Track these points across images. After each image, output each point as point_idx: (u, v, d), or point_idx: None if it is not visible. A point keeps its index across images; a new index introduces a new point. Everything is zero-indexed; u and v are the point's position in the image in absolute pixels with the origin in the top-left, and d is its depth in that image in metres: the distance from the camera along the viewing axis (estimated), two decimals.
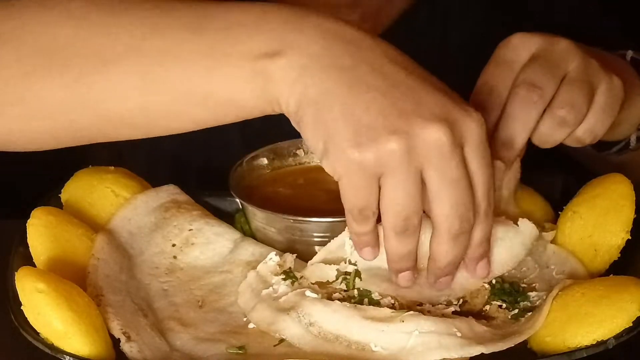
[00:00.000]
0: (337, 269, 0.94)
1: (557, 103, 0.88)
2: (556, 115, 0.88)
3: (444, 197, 0.78)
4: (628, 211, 0.96)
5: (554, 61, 0.89)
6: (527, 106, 0.88)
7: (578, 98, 0.89)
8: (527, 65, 0.90)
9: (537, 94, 0.87)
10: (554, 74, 0.89)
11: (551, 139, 0.90)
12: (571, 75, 0.90)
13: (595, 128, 0.91)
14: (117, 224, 1.04)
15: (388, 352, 0.85)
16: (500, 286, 0.93)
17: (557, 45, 0.91)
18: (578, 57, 0.90)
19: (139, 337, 0.89)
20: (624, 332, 0.84)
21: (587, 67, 0.90)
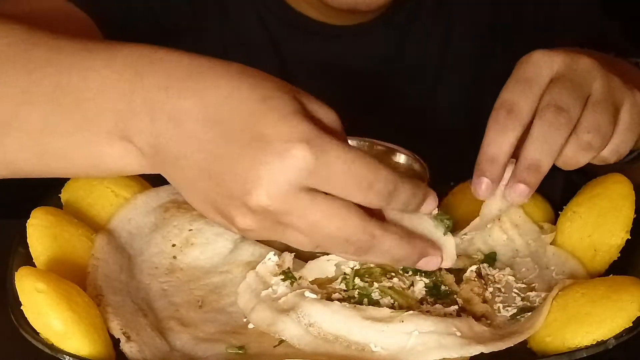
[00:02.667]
0: (335, 265, 0.94)
1: (582, 127, 0.87)
2: (582, 140, 0.87)
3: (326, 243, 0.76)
4: (628, 211, 0.96)
5: (578, 81, 0.88)
6: (555, 130, 0.85)
7: (603, 121, 0.87)
8: (552, 86, 0.87)
9: (565, 118, 0.85)
10: (579, 96, 0.87)
11: (575, 162, 0.88)
12: (595, 96, 0.88)
13: (620, 148, 0.90)
14: (117, 224, 1.04)
15: (388, 352, 0.85)
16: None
17: (579, 64, 0.89)
18: (600, 75, 0.88)
19: (139, 337, 0.89)
20: (624, 332, 0.84)
21: (610, 86, 0.89)
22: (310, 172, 0.72)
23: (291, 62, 1.37)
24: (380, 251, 0.78)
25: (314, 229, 0.75)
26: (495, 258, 0.99)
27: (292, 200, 0.73)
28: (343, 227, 0.75)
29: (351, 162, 0.73)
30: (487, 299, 0.94)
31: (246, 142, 0.72)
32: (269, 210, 0.73)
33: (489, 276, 0.97)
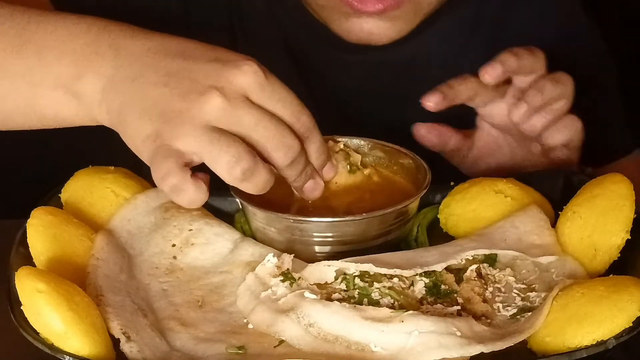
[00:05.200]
0: (335, 270, 0.94)
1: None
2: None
3: (262, 140, 0.89)
4: (628, 211, 0.96)
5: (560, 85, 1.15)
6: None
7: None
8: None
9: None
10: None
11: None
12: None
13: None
14: (117, 224, 1.04)
15: (388, 352, 0.85)
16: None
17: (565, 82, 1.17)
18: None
19: (138, 337, 0.89)
20: (624, 332, 0.84)
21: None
22: (260, 85, 0.88)
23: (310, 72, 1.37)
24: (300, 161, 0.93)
25: (256, 128, 0.88)
26: (495, 259, 0.99)
27: (241, 101, 0.87)
28: (280, 130, 0.90)
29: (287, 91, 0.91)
30: (487, 298, 0.94)
31: (206, 61, 0.89)
32: (222, 107, 0.86)
33: (489, 276, 0.97)
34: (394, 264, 0.93)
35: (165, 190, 0.88)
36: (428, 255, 0.96)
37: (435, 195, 1.11)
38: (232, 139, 0.87)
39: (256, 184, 0.89)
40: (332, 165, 1.01)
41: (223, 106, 0.87)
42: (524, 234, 1.00)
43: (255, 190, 0.90)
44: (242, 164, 0.87)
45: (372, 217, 1.00)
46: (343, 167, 1.03)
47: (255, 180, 0.89)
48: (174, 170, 0.86)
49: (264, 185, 0.90)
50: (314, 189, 0.99)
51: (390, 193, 1.07)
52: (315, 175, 0.98)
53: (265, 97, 0.89)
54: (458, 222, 1.07)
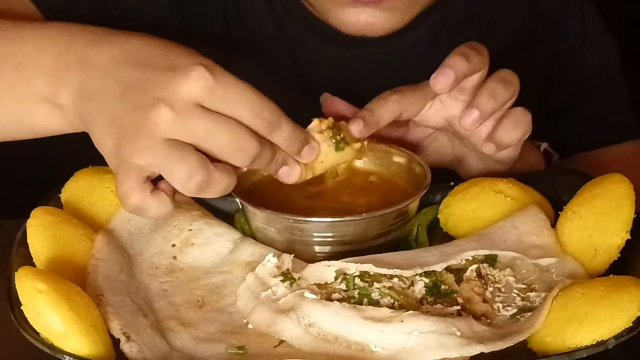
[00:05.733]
0: (335, 270, 0.94)
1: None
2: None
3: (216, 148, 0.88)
4: (628, 211, 0.96)
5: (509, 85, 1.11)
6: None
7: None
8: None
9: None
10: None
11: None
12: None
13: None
14: (117, 224, 1.04)
15: (388, 352, 0.85)
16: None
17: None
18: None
19: (138, 337, 0.89)
20: (624, 332, 0.84)
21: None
22: (210, 90, 0.87)
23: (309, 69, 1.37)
24: (263, 157, 0.91)
25: (211, 137, 0.87)
26: (495, 259, 0.99)
27: (191, 110, 0.87)
28: (238, 137, 0.89)
29: (244, 89, 0.89)
30: (487, 298, 0.94)
31: (159, 68, 0.89)
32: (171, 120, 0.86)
33: (489, 276, 0.97)
34: (394, 264, 0.93)
35: (128, 210, 0.90)
36: (428, 255, 0.96)
37: (435, 195, 1.11)
38: (185, 152, 0.87)
39: (215, 192, 0.90)
40: (311, 148, 0.98)
41: (172, 118, 0.86)
42: (524, 234, 1.00)
43: (215, 196, 0.90)
44: (195, 178, 0.87)
45: (372, 217, 1.00)
46: (329, 146, 1.00)
47: (212, 190, 0.89)
48: (133, 190, 0.88)
49: (223, 191, 0.90)
50: (289, 175, 0.97)
51: (390, 193, 1.07)
52: (289, 161, 0.97)
53: (217, 100, 0.88)
54: (458, 222, 1.07)
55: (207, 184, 0.88)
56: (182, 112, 0.86)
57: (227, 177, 0.90)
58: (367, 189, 1.09)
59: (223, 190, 0.90)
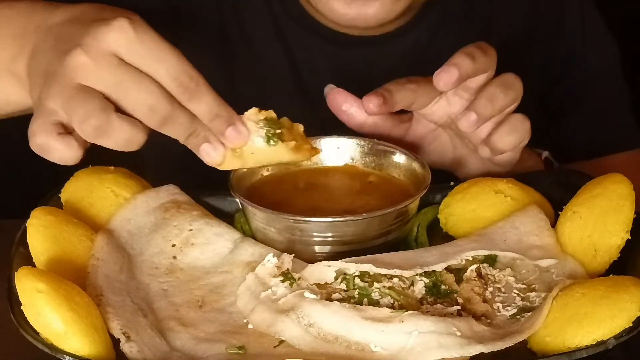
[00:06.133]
0: (335, 270, 0.94)
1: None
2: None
3: (123, 100, 0.89)
4: (628, 211, 0.96)
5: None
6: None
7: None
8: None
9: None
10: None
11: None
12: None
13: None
14: (117, 224, 1.04)
15: (388, 352, 0.85)
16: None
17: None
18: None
19: (139, 337, 0.89)
20: (624, 332, 0.84)
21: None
22: (129, 42, 0.88)
23: (304, 69, 1.37)
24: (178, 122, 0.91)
25: (121, 88, 0.88)
26: (495, 259, 0.99)
27: (106, 59, 0.88)
28: (147, 92, 0.88)
29: (165, 49, 0.89)
30: (487, 298, 0.94)
31: (89, 21, 0.90)
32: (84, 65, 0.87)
33: (489, 276, 0.97)
34: (394, 264, 0.93)
35: (34, 150, 0.90)
36: (428, 256, 0.96)
37: (435, 195, 1.11)
38: (88, 95, 0.88)
39: (115, 142, 0.89)
40: (237, 130, 0.95)
41: (85, 64, 0.88)
42: (524, 235, 1.00)
43: (116, 146, 0.89)
44: (91, 120, 0.87)
45: (372, 217, 1.00)
46: (260, 137, 0.96)
47: (111, 138, 0.88)
48: (39, 129, 0.89)
49: (124, 142, 0.89)
50: (209, 154, 0.95)
51: (390, 193, 1.07)
52: (212, 140, 0.94)
53: (135, 54, 0.89)
54: (458, 222, 1.07)
55: (104, 130, 0.88)
56: (97, 59, 0.88)
57: (129, 129, 0.89)
58: (367, 189, 1.09)
59: (124, 142, 0.89)
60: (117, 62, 0.88)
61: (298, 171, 1.11)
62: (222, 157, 0.95)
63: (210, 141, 0.94)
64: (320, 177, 1.10)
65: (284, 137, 0.97)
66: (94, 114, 0.87)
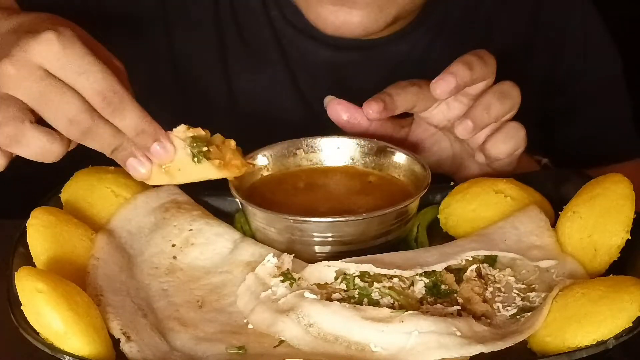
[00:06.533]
0: (335, 270, 0.94)
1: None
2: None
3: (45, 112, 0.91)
4: (628, 211, 0.96)
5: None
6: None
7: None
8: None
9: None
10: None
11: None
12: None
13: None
14: (117, 224, 1.04)
15: (388, 352, 0.85)
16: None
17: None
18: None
19: (139, 337, 0.89)
20: (624, 332, 0.84)
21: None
22: (54, 55, 0.90)
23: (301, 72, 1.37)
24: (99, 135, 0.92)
25: (42, 100, 0.90)
26: (495, 259, 0.99)
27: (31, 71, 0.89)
28: (68, 105, 0.90)
29: (89, 64, 0.91)
30: (487, 298, 0.94)
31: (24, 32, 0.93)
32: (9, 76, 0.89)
33: (489, 276, 0.97)
34: (394, 264, 0.93)
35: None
36: (428, 256, 0.96)
37: (435, 195, 1.11)
38: (8, 104, 0.90)
39: (28, 152, 0.91)
40: (163, 147, 0.96)
41: (9, 74, 0.90)
42: (524, 235, 1.00)
43: (31, 156, 0.92)
44: (5, 129, 0.90)
45: (372, 217, 1.00)
46: (187, 155, 0.97)
47: (24, 147, 0.91)
48: None
49: (38, 153, 0.92)
50: (135, 168, 0.96)
51: (390, 193, 1.07)
52: (138, 155, 0.96)
53: (59, 67, 0.90)
54: (458, 222, 1.07)
55: (17, 139, 0.90)
56: (21, 70, 0.90)
57: (44, 139, 0.91)
58: (367, 189, 1.09)
59: (38, 152, 0.92)
60: (42, 74, 0.90)
61: (298, 171, 1.11)
62: (149, 172, 0.96)
63: (136, 156, 0.95)
64: (320, 177, 1.10)
65: (211, 155, 0.98)
66: (8, 122, 0.90)
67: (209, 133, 0.99)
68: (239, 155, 1.02)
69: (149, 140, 0.95)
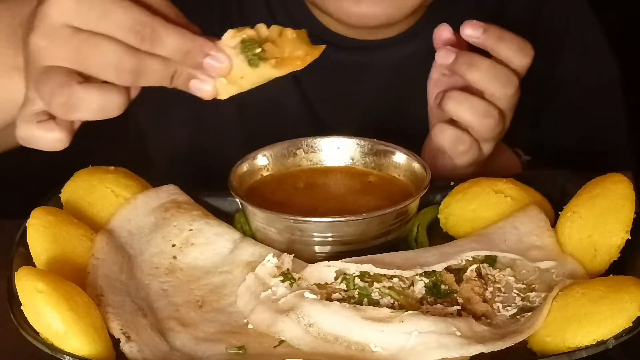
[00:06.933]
0: (335, 270, 0.94)
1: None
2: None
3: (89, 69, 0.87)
4: (628, 211, 0.96)
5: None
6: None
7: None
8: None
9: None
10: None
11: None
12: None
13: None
14: (117, 224, 1.04)
15: (388, 352, 0.85)
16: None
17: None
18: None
19: (138, 337, 0.89)
20: (624, 332, 0.84)
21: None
22: (75, 8, 0.86)
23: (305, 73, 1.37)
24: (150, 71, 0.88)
25: (81, 57, 0.87)
26: (495, 259, 0.99)
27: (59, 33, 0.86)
28: (106, 53, 0.86)
29: (111, 3, 0.87)
30: (487, 298, 0.94)
31: (37, 5, 0.89)
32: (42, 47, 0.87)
33: (489, 276, 0.97)
34: (394, 264, 0.93)
35: (20, 143, 0.90)
36: (428, 256, 0.96)
37: (435, 195, 1.11)
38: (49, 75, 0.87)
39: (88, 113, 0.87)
40: (215, 59, 0.91)
41: (40, 45, 0.87)
42: (524, 235, 1.00)
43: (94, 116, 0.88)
44: (56, 99, 0.86)
45: (372, 217, 1.00)
46: (242, 61, 0.91)
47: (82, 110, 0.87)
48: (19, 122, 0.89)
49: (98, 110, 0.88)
50: (199, 89, 0.92)
51: (390, 193, 1.07)
52: (198, 75, 0.91)
53: (84, 19, 0.87)
54: (458, 222, 1.07)
55: (71, 104, 0.86)
56: (50, 36, 0.87)
57: (98, 96, 0.87)
58: (367, 189, 1.09)
59: (98, 111, 0.88)
60: (69, 32, 0.87)
61: (298, 171, 1.11)
62: (214, 88, 0.92)
63: (196, 76, 0.91)
64: (320, 177, 1.10)
65: (266, 55, 0.92)
66: (57, 91, 0.86)
67: (260, 29, 0.93)
68: (301, 44, 0.94)
69: (198, 57, 0.90)
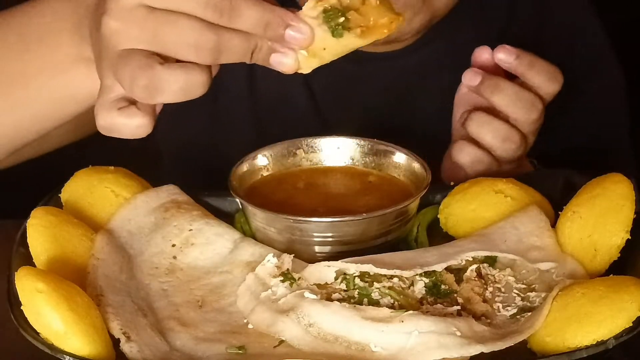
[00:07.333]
0: (335, 270, 0.94)
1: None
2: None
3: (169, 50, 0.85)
4: (628, 211, 0.96)
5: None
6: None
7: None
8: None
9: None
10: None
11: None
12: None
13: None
14: (117, 224, 1.04)
15: (388, 352, 0.85)
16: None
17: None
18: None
19: (138, 337, 0.89)
20: (624, 332, 0.84)
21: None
22: None
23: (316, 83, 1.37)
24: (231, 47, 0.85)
25: (159, 37, 0.84)
26: (495, 259, 0.99)
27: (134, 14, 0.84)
28: (184, 31, 0.84)
29: None
30: (487, 298, 0.94)
31: None
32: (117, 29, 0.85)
33: (489, 276, 0.97)
34: (394, 264, 0.93)
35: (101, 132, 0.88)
36: (428, 256, 0.96)
37: (435, 195, 1.11)
38: (128, 57, 0.84)
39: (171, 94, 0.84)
40: (297, 31, 0.87)
41: (117, 28, 0.85)
42: (524, 235, 1.00)
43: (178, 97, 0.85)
44: (138, 81, 0.83)
45: (372, 217, 1.00)
46: (324, 31, 0.88)
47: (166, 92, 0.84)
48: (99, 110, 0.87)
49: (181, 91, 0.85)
50: (281, 62, 0.89)
51: (390, 193, 1.07)
52: (278, 48, 0.88)
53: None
54: (458, 222, 1.07)
55: (154, 86, 0.83)
56: (123, 18, 0.85)
57: (181, 76, 0.84)
58: (367, 189, 1.09)
59: (182, 91, 0.85)
60: (144, 12, 0.84)
61: (298, 171, 1.11)
62: (295, 61, 0.89)
63: (277, 50, 0.89)
64: (320, 177, 1.10)
65: (350, 24, 0.89)
66: (138, 74, 0.83)
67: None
68: (384, 11, 0.91)
69: (279, 29, 0.87)
